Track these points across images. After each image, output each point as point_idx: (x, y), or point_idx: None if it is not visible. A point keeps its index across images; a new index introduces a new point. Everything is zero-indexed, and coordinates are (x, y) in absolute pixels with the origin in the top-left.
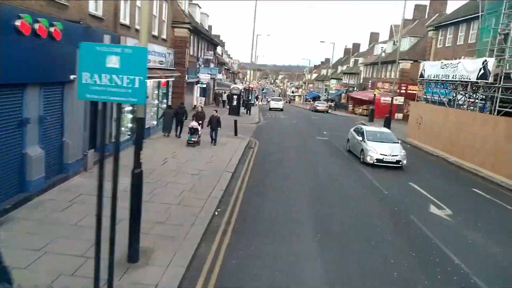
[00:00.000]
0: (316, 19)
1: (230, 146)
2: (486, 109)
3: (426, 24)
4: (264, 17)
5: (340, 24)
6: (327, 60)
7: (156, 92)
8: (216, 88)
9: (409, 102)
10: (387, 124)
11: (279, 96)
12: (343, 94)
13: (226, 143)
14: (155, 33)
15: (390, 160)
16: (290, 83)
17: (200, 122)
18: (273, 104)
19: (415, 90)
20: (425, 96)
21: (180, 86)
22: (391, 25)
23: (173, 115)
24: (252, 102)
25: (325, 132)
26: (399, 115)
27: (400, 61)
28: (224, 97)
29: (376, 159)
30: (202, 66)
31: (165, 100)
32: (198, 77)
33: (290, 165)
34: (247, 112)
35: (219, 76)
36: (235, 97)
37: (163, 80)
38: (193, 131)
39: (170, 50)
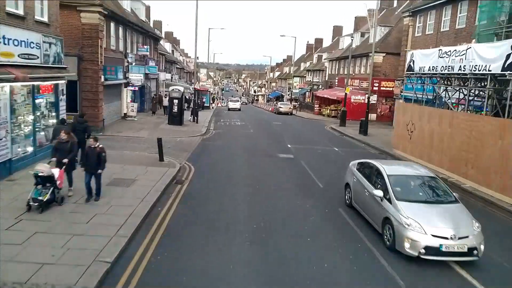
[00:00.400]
0: (277, 16)
1: (139, 186)
2: (487, 109)
3: (398, 11)
4: (225, 15)
5: (301, 19)
6: (289, 57)
7: (29, 102)
8: (163, 90)
9: (383, 101)
10: (363, 130)
11: (242, 96)
12: (307, 92)
13: (135, 180)
14: (17, 10)
15: (457, 250)
16: (253, 82)
17: (65, 161)
18: (231, 105)
19: (391, 87)
20: (405, 94)
21: (92, 91)
22: (355, 17)
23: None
24: (207, 105)
25: (289, 145)
26: (372, 116)
27: (370, 55)
28: (166, 101)
29: (425, 248)
30: (134, 64)
31: (53, 113)
32: (127, 78)
33: (235, 231)
34: (194, 120)
35: (167, 76)
36: (176, 101)
37: (43, 84)
38: (43, 181)
39: (53, 38)
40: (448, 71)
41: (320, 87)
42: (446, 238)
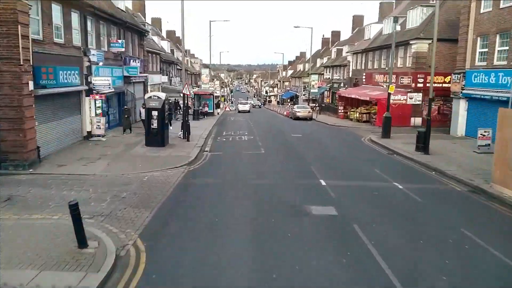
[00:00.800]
0: (286, 14)
1: None
2: None
3: None
4: (233, 15)
5: (313, 14)
6: (303, 54)
7: None
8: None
9: (437, 101)
10: (423, 145)
11: (254, 97)
12: (326, 91)
13: None
14: None
15: None
16: (265, 82)
17: None
18: (241, 107)
19: (440, 82)
20: (470, 92)
21: (14, 106)
22: (380, 3)
23: None
24: (211, 111)
25: (323, 182)
26: (417, 120)
27: (411, 42)
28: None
29: None
30: (102, 64)
31: None
32: (90, 83)
33: None
34: (184, 136)
35: (163, 78)
36: (155, 113)
37: None
38: None
39: None
40: None
41: (341, 85)
42: None
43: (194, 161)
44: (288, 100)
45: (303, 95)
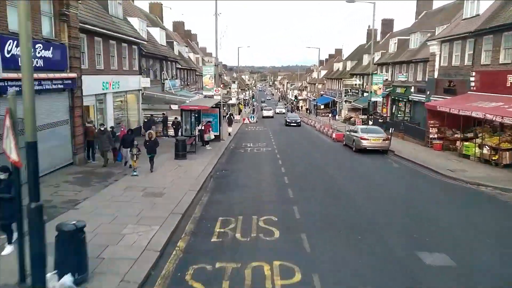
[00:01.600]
0: (316, 14)
1: None
2: None
3: None
4: (257, 15)
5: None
6: (338, 51)
7: None
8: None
9: None
10: None
11: (279, 101)
12: (380, 99)
13: None
14: None
15: None
16: (291, 84)
17: None
18: (265, 113)
19: None
20: None
21: None
22: None
23: None
24: (215, 135)
25: None
26: None
27: None
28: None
29: None
30: None
31: None
32: None
33: None
34: (76, 279)
35: (143, 81)
36: None
37: None
38: None
39: None
40: None
41: (411, 90)
42: None
43: None
44: (322, 107)
45: (345, 101)
